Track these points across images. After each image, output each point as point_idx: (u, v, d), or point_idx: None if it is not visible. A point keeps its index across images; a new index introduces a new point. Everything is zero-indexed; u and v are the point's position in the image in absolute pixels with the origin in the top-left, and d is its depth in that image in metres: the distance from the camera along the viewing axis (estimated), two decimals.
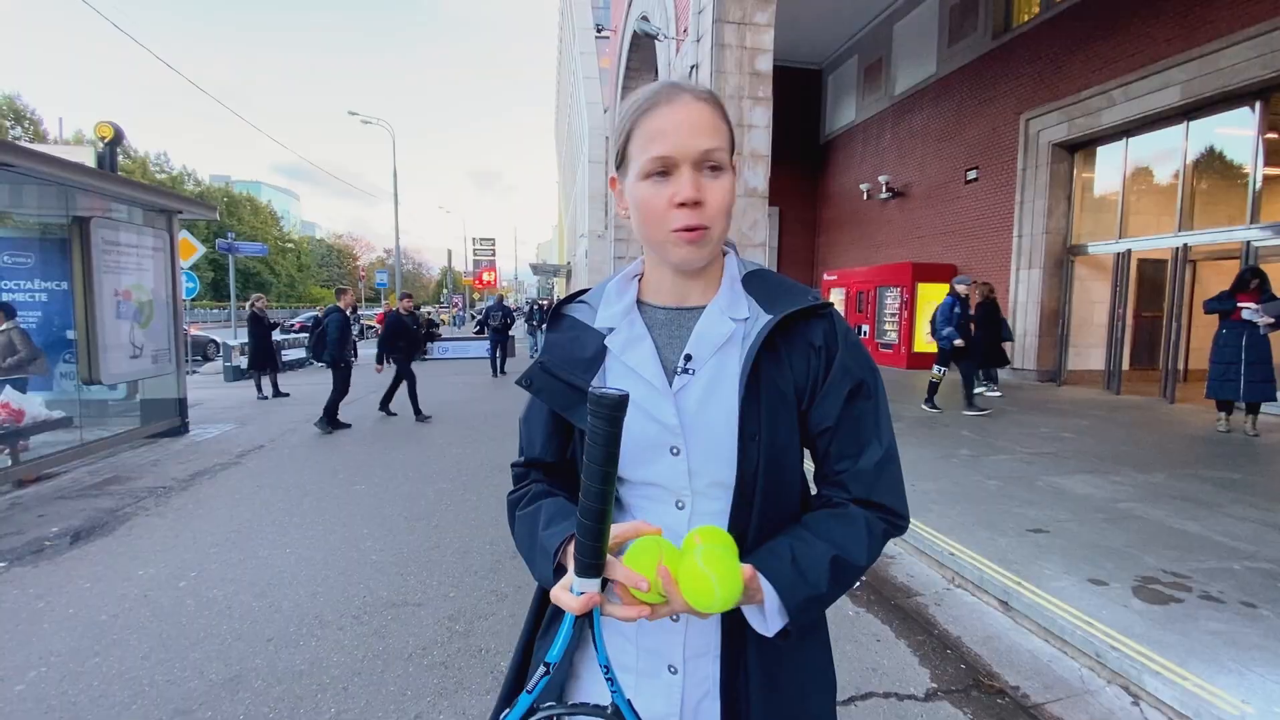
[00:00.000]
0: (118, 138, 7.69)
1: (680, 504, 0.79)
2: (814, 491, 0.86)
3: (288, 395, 10.14)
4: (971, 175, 12.22)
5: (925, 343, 12.93)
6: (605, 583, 0.66)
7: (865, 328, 13.94)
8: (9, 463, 5.05)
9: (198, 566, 3.43)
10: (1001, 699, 2.22)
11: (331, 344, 7.45)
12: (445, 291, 51.41)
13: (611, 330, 0.84)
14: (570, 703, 0.75)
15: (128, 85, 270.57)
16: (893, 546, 3.62)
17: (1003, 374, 11.37)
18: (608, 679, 0.68)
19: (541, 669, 0.68)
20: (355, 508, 4.45)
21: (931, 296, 12.75)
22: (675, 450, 0.77)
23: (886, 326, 13.48)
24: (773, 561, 0.72)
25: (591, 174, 21.80)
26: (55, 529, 4.05)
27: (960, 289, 7.58)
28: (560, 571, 0.72)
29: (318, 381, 12.57)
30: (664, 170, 0.75)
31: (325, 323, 7.60)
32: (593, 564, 0.64)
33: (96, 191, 5.75)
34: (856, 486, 0.79)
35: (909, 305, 12.71)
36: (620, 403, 0.59)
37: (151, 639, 2.66)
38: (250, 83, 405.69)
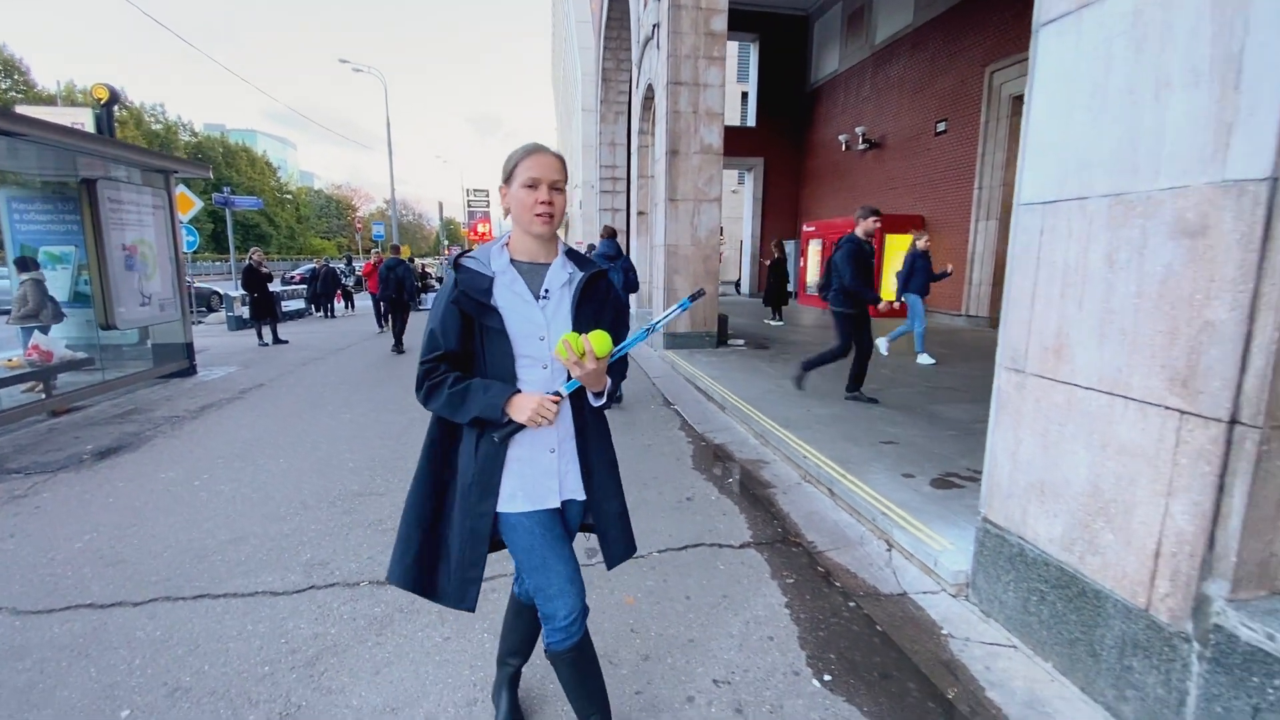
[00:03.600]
0: (113, 99, 8.22)
1: (545, 366, 1.54)
2: None
3: (287, 342, 10.94)
4: (941, 127, 12.52)
5: (889, 292, 13.52)
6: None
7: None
8: (44, 396, 5.89)
9: (209, 471, 4.26)
10: (795, 549, 3.03)
11: (411, 289, 10.17)
12: (444, 242, 51.71)
13: (496, 272, 1.52)
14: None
15: (107, 25, 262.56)
16: (769, 454, 4.43)
17: (956, 320, 12.05)
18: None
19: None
20: (340, 431, 5.27)
21: (899, 247, 13.26)
22: (542, 338, 1.51)
23: None
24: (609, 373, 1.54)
25: (585, 122, 21.53)
26: (90, 447, 4.90)
27: None
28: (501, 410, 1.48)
29: (314, 330, 13.35)
30: (533, 184, 1.47)
31: (400, 273, 9.95)
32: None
33: (100, 156, 6.36)
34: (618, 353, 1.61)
35: (876, 255, 13.21)
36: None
37: (175, 516, 3.51)
38: (237, 22, 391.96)
